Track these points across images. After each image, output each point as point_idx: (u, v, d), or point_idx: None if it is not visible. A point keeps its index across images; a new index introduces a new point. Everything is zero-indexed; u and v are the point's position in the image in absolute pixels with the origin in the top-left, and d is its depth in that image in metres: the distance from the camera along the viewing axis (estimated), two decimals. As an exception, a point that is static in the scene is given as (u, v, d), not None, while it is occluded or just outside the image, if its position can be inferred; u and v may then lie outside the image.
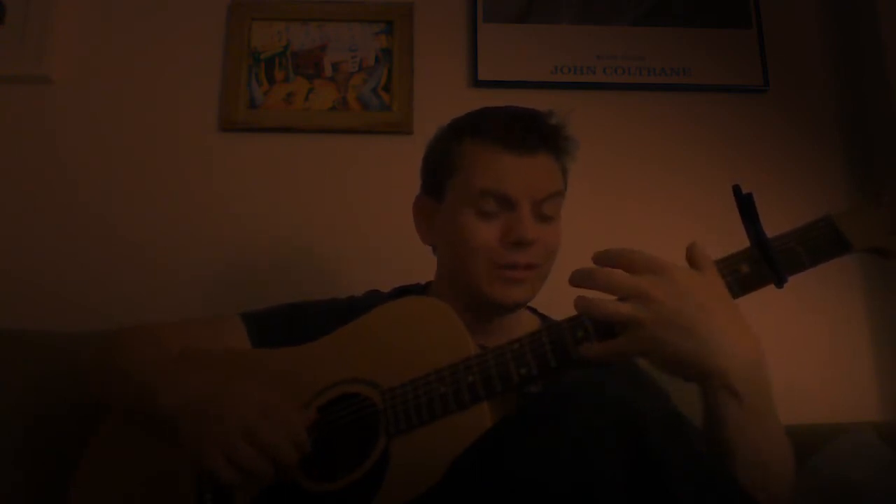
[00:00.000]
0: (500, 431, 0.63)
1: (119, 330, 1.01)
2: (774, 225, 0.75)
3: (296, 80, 1.57)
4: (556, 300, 0.88)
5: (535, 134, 0.94)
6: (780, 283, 0.72)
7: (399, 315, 0.86)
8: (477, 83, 1.56)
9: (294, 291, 1.32)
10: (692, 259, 0.73)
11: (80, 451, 0.93)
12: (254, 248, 1.49)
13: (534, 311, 1.07)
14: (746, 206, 0.72)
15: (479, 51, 1.57)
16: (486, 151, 0.93)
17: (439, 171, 0.99)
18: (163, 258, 1.47)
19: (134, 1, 1.61)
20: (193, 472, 0.83)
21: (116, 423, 0.94)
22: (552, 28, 1.61)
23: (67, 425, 1.07)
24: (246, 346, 0.98)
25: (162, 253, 1.47)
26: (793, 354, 1.45)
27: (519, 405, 0.76)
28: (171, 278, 1.46)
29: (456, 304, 0.86)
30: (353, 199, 1.51)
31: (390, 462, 0.76)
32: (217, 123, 1.54)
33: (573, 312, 0.75)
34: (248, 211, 1.50)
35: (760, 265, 0.72)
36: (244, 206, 1.50)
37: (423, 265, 1.08)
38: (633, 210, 1.53)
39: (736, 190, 0.73)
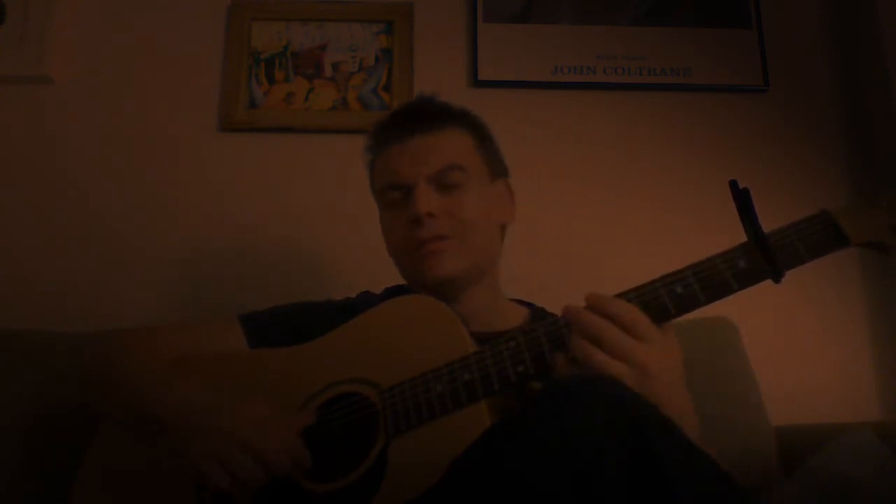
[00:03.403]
0: (500, 431, 0.63)
1: (116, 333, 1.02)
2: (774, 225, 0.75)
3: (296, 80, 1.57)
4: (556, 299, 0.88)
5: (407, 120, 1.01)
6: (777, 278, 0.71)
7: (397, 314, 0.86)
8: (477, 83, 1.56)
9: (294, 291, 1.32)
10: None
11: (80, 451, 0.93)
12: (253, 248, 1.49)
13: (522, 302, 1.08)
14: (743, 201, 0.72)
15: (479, 51, 1.57)
16: (378, 155, 1.03)
17: (372, 190, 1.08)
18: (162, 258, 1.47)
19: (134, 1, 1.61)
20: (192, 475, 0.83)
21: (117, 423, 0.94)
22: (552, 28, 1.61)
23: (68, 425, 1.07)
24: (244, 347, 0.98)
25: (162, 253, 1.47)
26: (793, 354, 1.45)
27: (519, 404, 0.76)
28: (171, 278, 1.46)
29: None
30: (353, 199, 1.51)
31: (389, 462, 0.76)
32: (217, 123, 1.54)
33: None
34: (247, 211, 1.50)
35: (758, 259, 0.72)
36: (244, 206, 1.51)
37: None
38: (633, 209, 1.53)
39: (733, 185, 0.73)
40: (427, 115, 1.01)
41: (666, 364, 0.71)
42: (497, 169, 1.05)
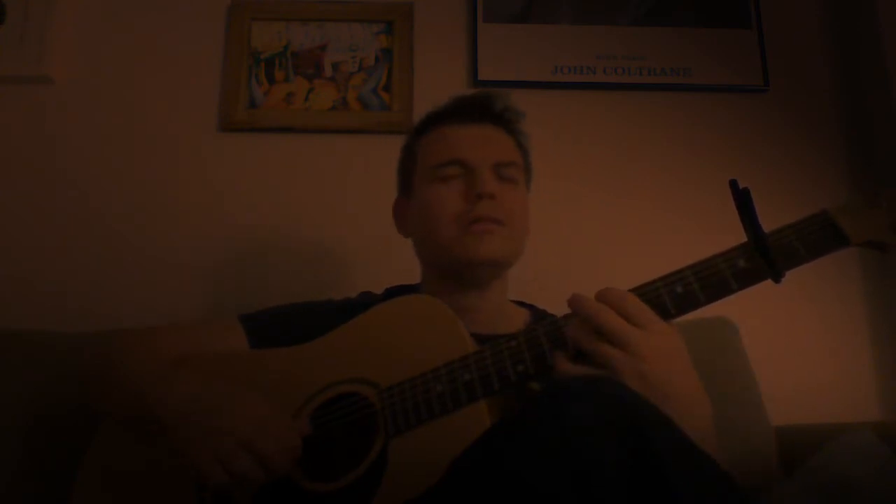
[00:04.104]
0: (500, 431, 0.63)
1: (116, 333, 1.02)
2: (774, 225, 0.75)
3: (296, 80, 1.57)
4: (556, 299, 0.88)
5: (479, 107, 1.03)
6: (777, 278, 0.71)
7: (397, 314, 0.86)
8: (477, 83, 1.56)
9: (294, 291, 1.32)
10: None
11: (80, 451, 0.93)
12: (254, 248, 1.49)
13: (522, 303, 1.09)
14: (743, 201, 0.72)
15: (479, 51, 1.57)
16: (438, 132, 1.02)
17: (406, 169, 1.07)
18: (162, 258, 1.47)
19: (134, 1, 1.61)
20: (192, 475, 0.83)
21: (117, 423, 0.94)
22: (552, 28, 1.61)
23: (68, 425, 1.07)
24: (244, 347, 0.98)
25: (162, 253, 1.47)
26: (793, 354, 1.45)
27: (519, 404, 0.76)
28: (171, 279, 1.46)
29: (442, 292, 0.89)
30: (353, 199, 1.51)
31: (388, 462, 0.76)
32: (217, 123, 1.54)
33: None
34: (247, 211, 1.50)
35: (757, 259, 0.72)
36: (244, 206, 1.51)
37: (422, 265, 1.07)
38: (633, 209, 1.53)
39: (733, 184, 0.73)
40: (496, 107, 1.04)
41: (665, 352, 0.70)
42: (528, 182, 1.08)
